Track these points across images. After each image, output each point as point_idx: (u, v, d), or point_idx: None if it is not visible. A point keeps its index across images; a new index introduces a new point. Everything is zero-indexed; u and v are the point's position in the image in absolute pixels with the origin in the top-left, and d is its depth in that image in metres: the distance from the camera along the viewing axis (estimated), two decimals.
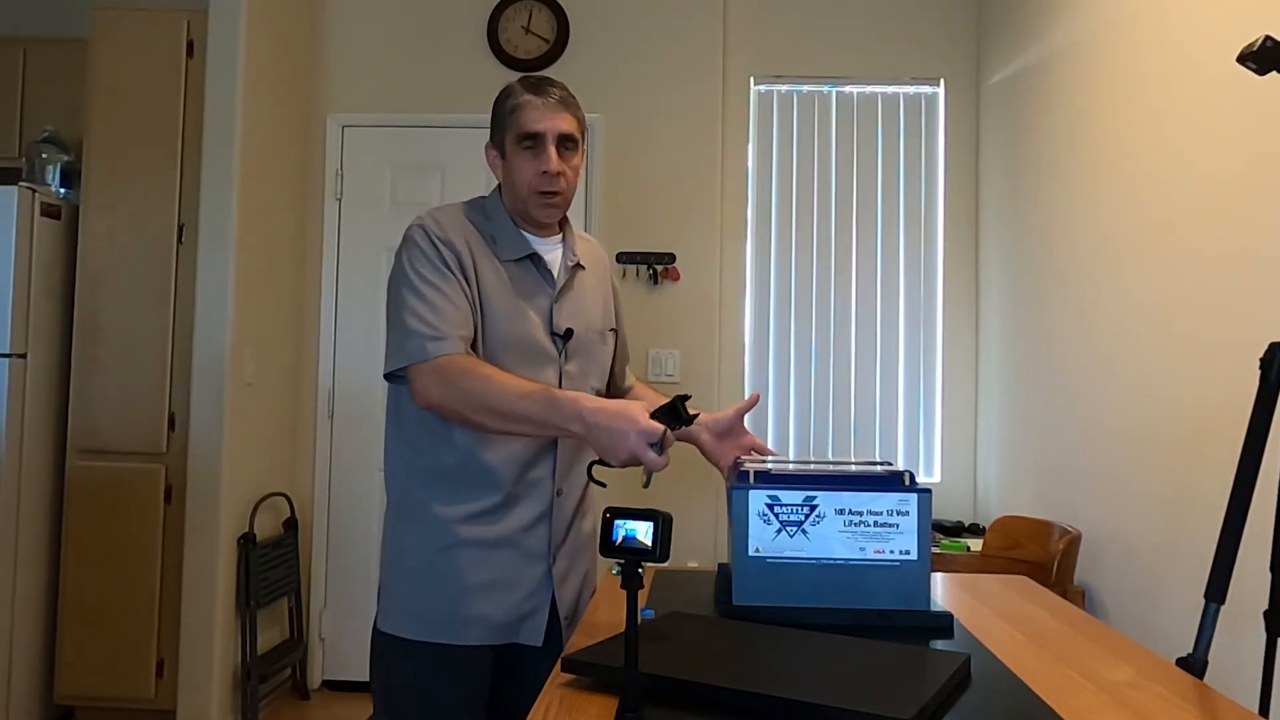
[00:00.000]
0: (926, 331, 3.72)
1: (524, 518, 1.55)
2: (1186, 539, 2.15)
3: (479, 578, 1.52)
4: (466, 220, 1.58)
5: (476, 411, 1.41)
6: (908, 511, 1.42)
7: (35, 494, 3.04)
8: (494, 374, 1.42)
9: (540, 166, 1.53)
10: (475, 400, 1.41)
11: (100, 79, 3.13)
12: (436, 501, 1.53)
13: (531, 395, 1.38)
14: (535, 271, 1.59)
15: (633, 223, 3.67)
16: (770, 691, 1.02)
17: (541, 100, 1.54)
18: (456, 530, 1.52)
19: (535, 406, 1.38)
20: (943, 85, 3.74)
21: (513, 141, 1.55)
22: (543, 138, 1.53)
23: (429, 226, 1.53)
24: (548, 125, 1.53)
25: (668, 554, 1.03)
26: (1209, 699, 1.14)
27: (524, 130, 1.53)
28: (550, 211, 1.58)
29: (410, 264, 1.50)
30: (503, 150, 1.58)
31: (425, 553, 1.53)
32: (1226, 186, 2.04)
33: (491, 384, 1.40)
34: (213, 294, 3.06)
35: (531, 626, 1.56)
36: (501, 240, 1.58)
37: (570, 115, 1.56)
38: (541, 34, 3.67)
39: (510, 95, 1.56)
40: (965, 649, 1.31)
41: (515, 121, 1.54)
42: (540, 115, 1.53)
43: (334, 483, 3.66)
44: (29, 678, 3.03)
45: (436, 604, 1.52)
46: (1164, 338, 2.28)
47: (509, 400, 1.39)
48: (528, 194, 1.56)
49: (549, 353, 1.57)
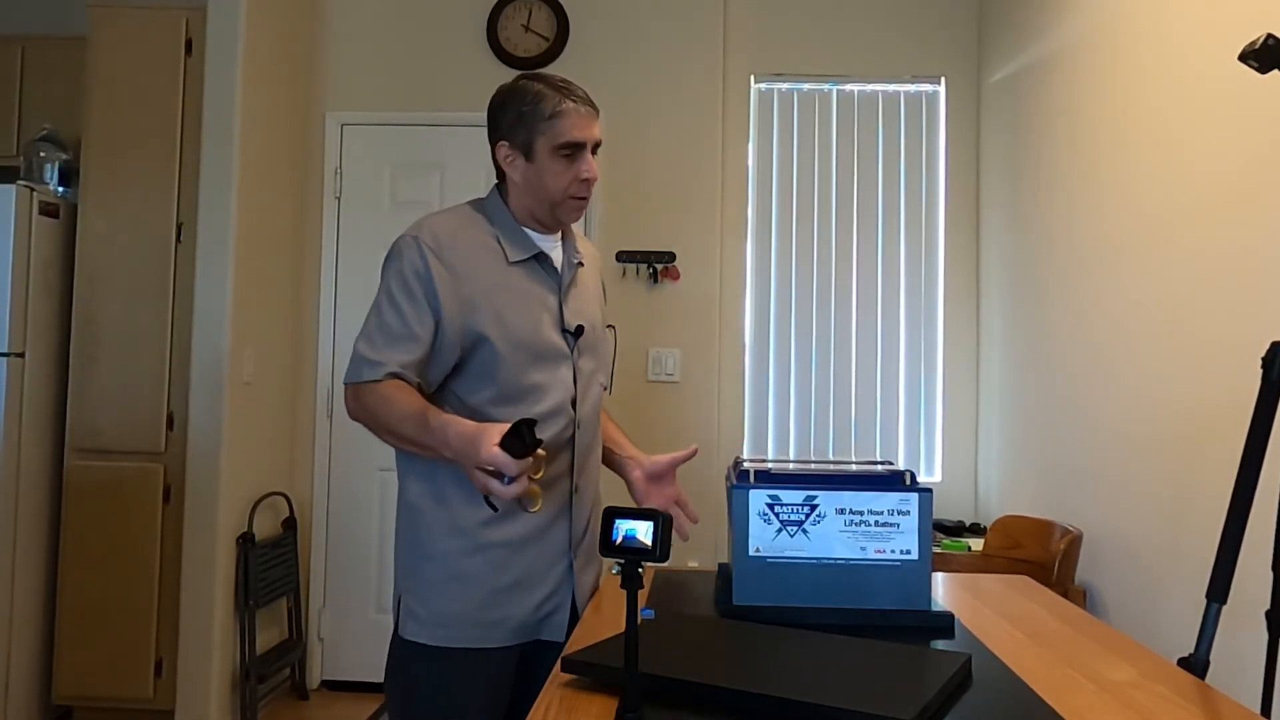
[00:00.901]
0: (927, 330, 3.72)
1: (544, 515, 1.55)
2: (1188, 538, 2.15)
3: (505, 578, 1.53)
4: (466, 225, 1.56)
5: (380, 430, 1.47)
6: (908, 511, 1.41)
7: (33, 494, 3.04)
8: (395, 396, 1.44)
9: (580, 174, 1.53)
10: (378, 421, 1.46)
11: (98, 77, 3.12)
12: (456, 504, 1.53)
13: (410, 418, 1.42)
14: (541, 271, 1.59)
15: (632, 221, 3.66)
16: (770, 692, 1.01)
17: (581, 108, 1.53)
18: (479, 533, 1.52)
19: (413, 428, 1.41)
20: (943, 84, 3.73)
21: (549, 147, 1.52)
22: (584, 147, 1.53)
23: (423, 239, 1.51)
24: (588, 134, 1.53)
25: (668, 554, 1.03)
26: (1211, 699, 1.14)
27: (567, 139, 1.51)
28: (578, 215, 1.60)
29: (387, 280, 1.52)
30: (527, 153, 1.53)
31: (449, 557, 1.53)
32: (1228, 185, 2.03)
33: (388, 407, 1.44)
34: (211, 293, 3.06)
35: (556, 622, 1.57)
36: (507, 241, 1.57)
37: (598, 122, 1.57)
38: (541, 32, 3.66)
39: (543, 99, 1.51)
40: (966, 649, 1.30)
41: (555, 129, 1.50)
42: (582, 124, 1.52)
43: (333, 482, 3.65)
44: (27, 677, 3.02)
45: (465, 609, 1.52)
46: (1165, 337, 2.28)
47: (395, 422, 1.44)
48: (561, 199, 1.55)
49: (562, 350, 1.58)
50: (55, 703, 3.09)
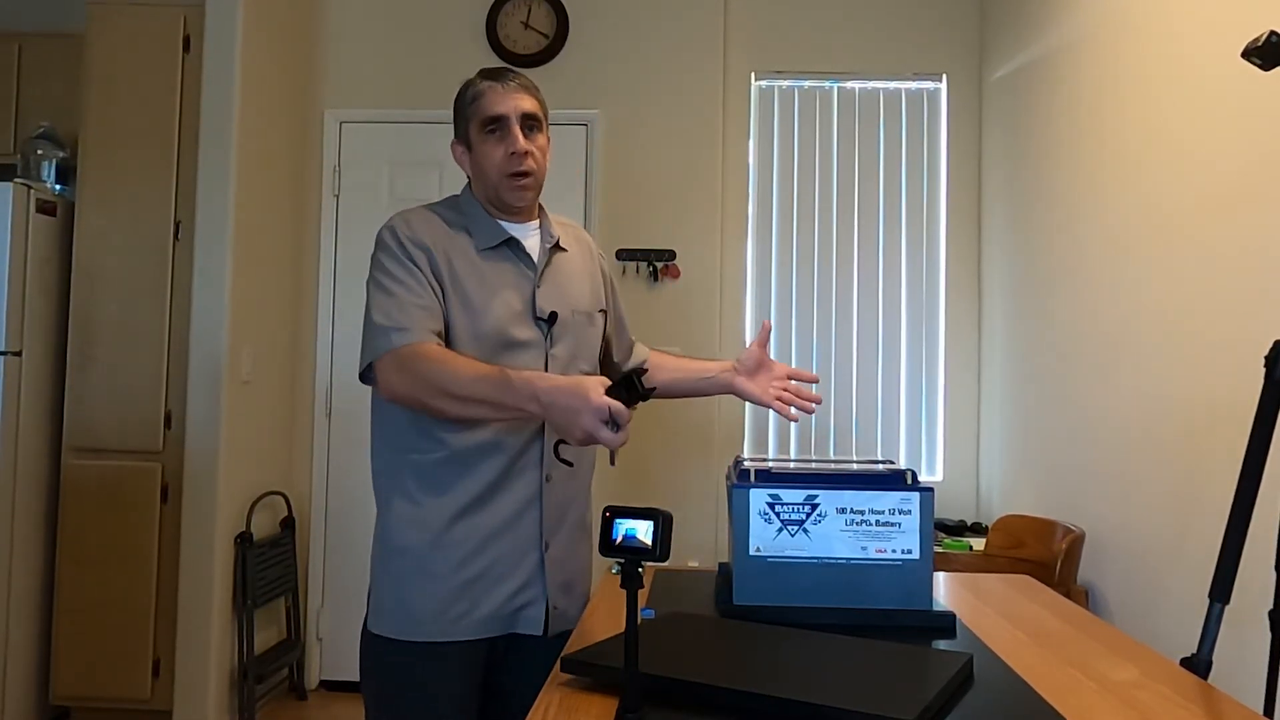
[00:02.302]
0: (929, 328, 3.71)
1: (512, 505, 1.53)
2: (1191, 538, 2.14)
3: (471, 571, 1.51)
4: (437, 217, 1.59)
5: (435, 396, 1.41)
6: (910, 510, 1.41)
7: (30, 493, 3.03)
8: (451, 358, 1.43)
9: (508, 148, 1.54)
10: (432, 385, 1.41)
11: (96, 74, 3.11)
12: (423, 498, 1.53)
13: (486, 377, 1.39)
14: (514, 257, 1.59)
15: (632, 219, 3.65)
16: (771, 692, 1.01)
17: (500, 85, 1.56)
18: (445, 525, 1.51)
19: (489, 388, 1.38)
20: (945, 81, 3.72)
21: (477, 129, 1.56)
22: (506, 119, 1.54)
23: (397, 227, 1.55)
24: (509, 106, 1.55)
25: (668, 553, 1.02)
26: (1213, 699, 1.13)
27: (487, 115, 1.55)
28: (522, 193, 1.58)
29: (379, 265, 1.53)
30: (468, 142, 1.59)
31: (415, 550, 1.52)
32: (1231, 182, 2.02)
33: (447, 368, 1.41)
34: (209, 291, 3.05)
35: (530, 616, 1.54)
36: (476, 231, 1.58)
37: (530, 96, 1.58)
38: (541, 29, 3.65)
39: (469, 86, 1.59)
40: (968, 649, 1.30)
41: (477, 109, 1.56)
42: (500, 98, 1.55)
43: (331, 481, 3.65)
44: (24, 678, 3.01)
45: (429, 601, 1.51)
46: (1168, 334, 2.27)
47: (463, 383, 1.39)
48: (498, 178, 1.56)
49: (531, 339, 1.56)
50: (53, 703, 3.08)
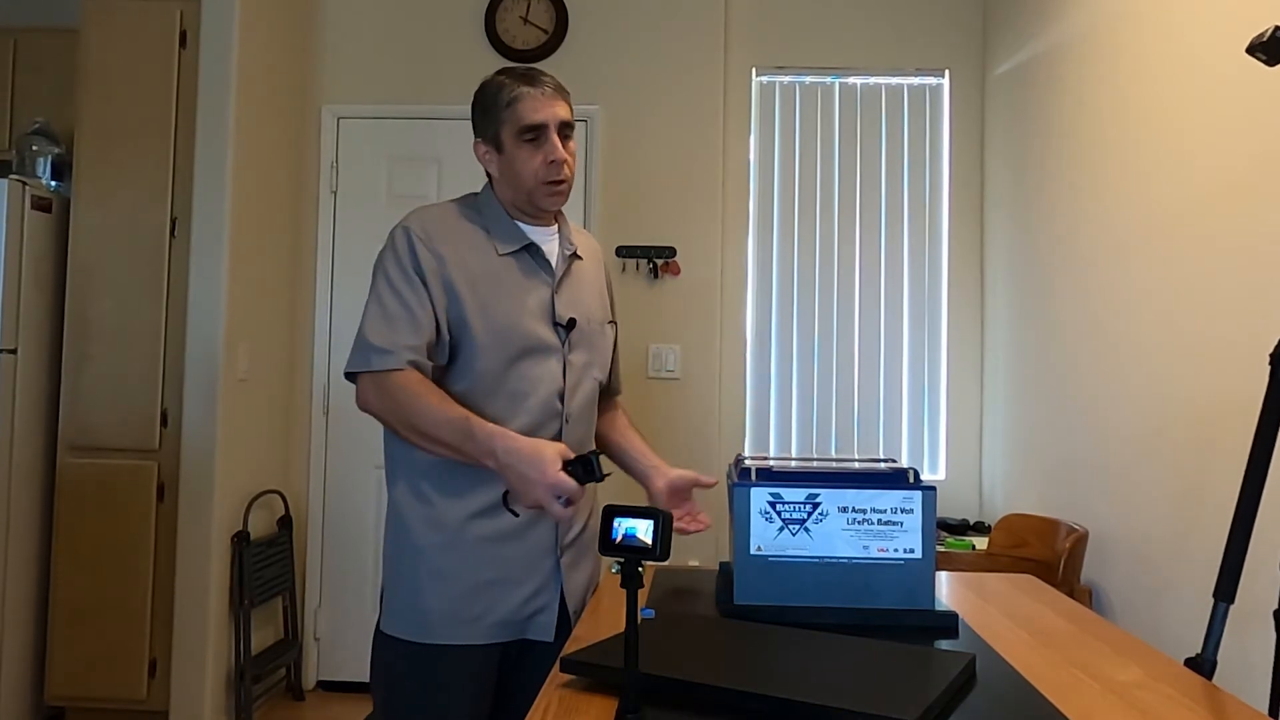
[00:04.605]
0: (931, 326, 3.69)
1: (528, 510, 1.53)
2: (1195, 537, 2.13)
3: (485, 574, 1.52)
4: (458, 217, 1.58)
5: (402, 427, 1.46)
6: (912, 509, 1.40)
7: (25, 491, 3.01)
8: (424, 394, 1.45)
9: (547, 156, 1.54)
10: (401, 417, 1.45)
11: (92, 70, 3.09)
12: (439, 499, 1.52)
13: (452, 422, 1.42)
14: (533, 262, 1.60)
15: (633, 216, 3.64)
16: (772, 692, 1.01)
17: (539, 91, 1.55)
18: (461, 527, 1.52)
19: (452, 433, 1.42)
20: (948, 76, 3.71)
21: (512, 135, 1.55)
22: (545, 128, 1.54)
23: (413, 229, 1.54)
24: (548, 114, 1.54)
25: (668, 552, 1.02)
26: (1218, 700, 1.13)
27: (526, 123, 1.53)
28: (557, 199, 1.59)
29: (383, 268, 1.54)
30: (498, 145, 1.57)
31: (430, 552, 1.52)
32: (1236, 179, 2.01)
33: (418, 404, 1.44)
34: (206, 288, 3.03)
35: (542, 622, 1.56)
36: (497, 233, 1.58)
37: (566, 103, 1.58)
38: (540, 24, 3.64)
39: (502, 89, 1.56)
40: (970, 649, 1.29)
41: (513, 114, 1.54)
42: (539, 105, 1.54)
43: (329, 480, 3.63)
44: (19, 678, 3.00)
45: (443, 604, 1.51)
46: (1173, 332, 2.25)
47: (430, 423, 1.43)
48: (534, 185, 1.56)
49: (551, 343, 1.57)
50: (48, 703, 3.07)
